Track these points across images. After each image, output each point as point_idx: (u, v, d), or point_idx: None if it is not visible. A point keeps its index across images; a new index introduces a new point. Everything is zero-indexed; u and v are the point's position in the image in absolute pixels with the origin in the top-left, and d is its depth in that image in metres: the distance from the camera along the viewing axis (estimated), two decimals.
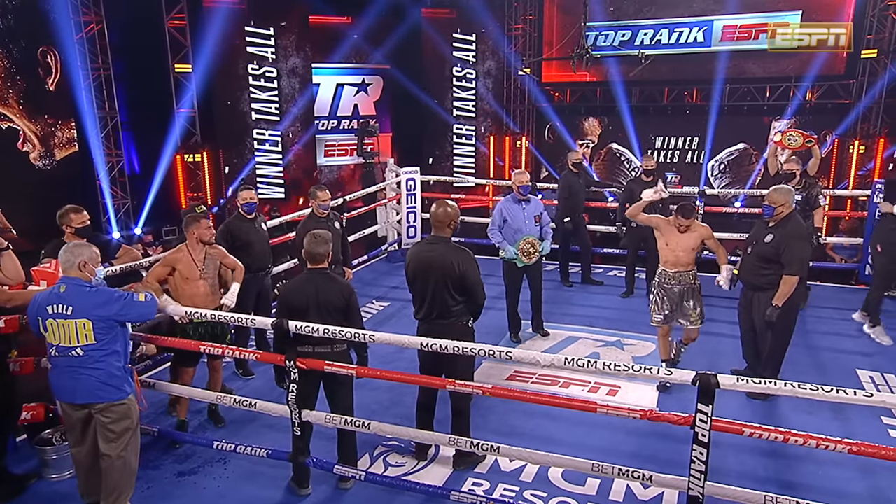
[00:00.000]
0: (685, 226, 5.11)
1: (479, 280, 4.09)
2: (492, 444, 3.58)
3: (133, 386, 3.61)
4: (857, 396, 2.86)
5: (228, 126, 12.53)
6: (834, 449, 2.95)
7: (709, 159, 13.33)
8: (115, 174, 11.23)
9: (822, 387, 2.93)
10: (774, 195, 4.79)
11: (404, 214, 8.77)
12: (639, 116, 13.41)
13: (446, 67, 14.06)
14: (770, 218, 4.79)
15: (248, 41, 12.35)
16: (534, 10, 13.91)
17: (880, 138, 11.65)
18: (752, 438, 3.14)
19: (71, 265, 3.45)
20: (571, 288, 7.74)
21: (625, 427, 4.51)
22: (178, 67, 11.63)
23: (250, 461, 4.29)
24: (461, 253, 4.08)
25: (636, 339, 6.20)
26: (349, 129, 14.20)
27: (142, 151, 11.98)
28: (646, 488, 3.91)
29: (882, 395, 2.95)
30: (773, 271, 4.73)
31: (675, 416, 3.17)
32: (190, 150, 11.69)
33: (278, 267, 6.65)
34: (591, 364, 3.29)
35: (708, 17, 12.74)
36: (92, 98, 10.83)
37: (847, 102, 12.06)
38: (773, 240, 4.72)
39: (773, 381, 3.04)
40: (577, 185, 7.61)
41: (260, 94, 12.60)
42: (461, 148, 14.41)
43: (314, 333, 3.70)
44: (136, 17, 11.22)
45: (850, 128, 12.01)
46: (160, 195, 11.45)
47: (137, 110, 11.72)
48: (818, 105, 12.43)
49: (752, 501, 3.08)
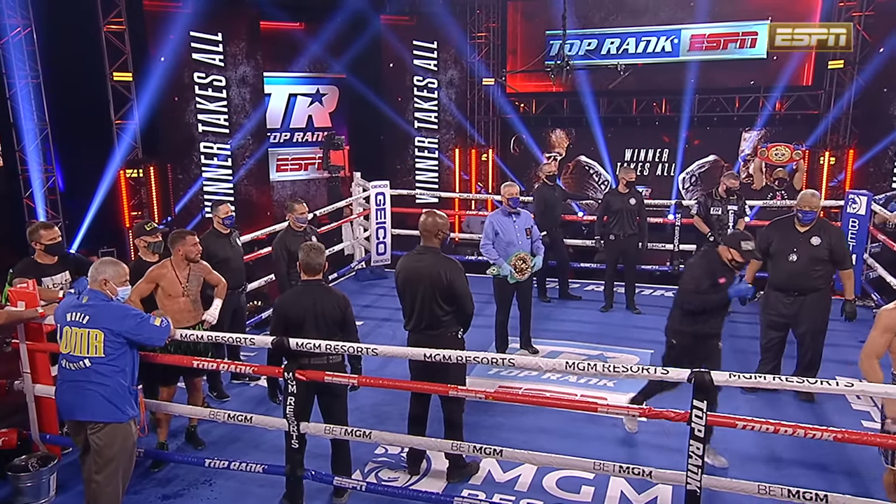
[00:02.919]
0: None
1: (467, 290, 4.46)
2: (494, 448, 3.95)
3: (136, 409, 3.88)
4: (839, 386, 3.38)
5: (173, 139, 12.70)
6: (821, 437, 3.46)
7: (680, 172, 14.15)
8: (44, 191, 11.22)
9: (808, 380, 3.44)
10: (814, 200, 5.31)
11: (373, 231, 9.10)
12: (607, 128, 14.19)
13: (407, 77, 14.55)
14: (810, 223, 5.30)
15: (194, 47, 12.58)
16: (497, 18, 14.58)
17: (850, 149, 12.69)
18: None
19: (93, 280, 3.78)
20: (550, 303, 8.19)
21: (616, 439, 4.96)
22: (116, 76, 11.76)
23: (238, 481, 4.54)
24: (449, 263, 4.46)
25: (618, 352, 6.66)
26: (303, 142, 14.52)
27: (68, 166, 11.87)
28: (640, 493, 4.34)
29: (863, 384, 3.45)
30: (824, 271, 5.31)
31: (671, 413, 3.62)
32: (132, 165, 11.77)
33: (252, 284, 6.91)
34: (592, 366, 3.73)
35: (675, 26, 13.63)
36: (19, 108, 10.85)
37: (816, 113, 13.09)
38: (821, 242, 5.26)
39: (762, 377, 3.54)
40: (552, 199, 8.10)
41: (207, 105, 12.82)
42: (424, 161, 14.87)
43: (316, 349, 4.03)
44: (68, 21, 11.21)
45: (819, 139, 13.02)
46: (97, 213, 11.47)
47: (62, 122, 11.61)
48: (787, 116, 13.43)
49: (746, 491, 3.56)
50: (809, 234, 5.31)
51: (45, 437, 4.63)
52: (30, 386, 4.52)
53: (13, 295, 4.32)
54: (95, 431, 3.75)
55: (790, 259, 5.33)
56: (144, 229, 5.33)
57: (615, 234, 7.70)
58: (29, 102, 10.89)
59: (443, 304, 4.40)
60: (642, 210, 7.77)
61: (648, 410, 3.79)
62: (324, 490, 4.35)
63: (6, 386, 4.49)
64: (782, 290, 5.42)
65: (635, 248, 7.76)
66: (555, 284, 8.42)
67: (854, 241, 7.49)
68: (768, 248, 5.48)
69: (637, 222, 7.70)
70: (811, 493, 3.41)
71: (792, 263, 5.33)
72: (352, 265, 9.26)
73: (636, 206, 7.68)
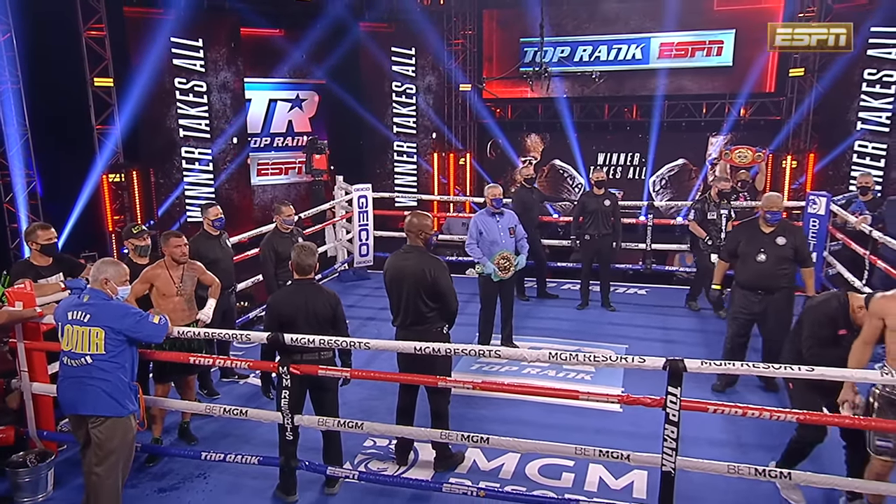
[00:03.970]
0: None
1: (450, 287, 4.60)
2: (480, 436, 4.10)
3: (136, 404, 3.96)
4: (802, 371, 3.59)
5: (154, 144, 12.69)
6: (785, 419, 3.67)
7: (650, 175, 14.46)
8: (26, 195, 11.11)
9: (773, 365, 3.66)
10: (779, 201, 5.53)
11: (356, 233, 9.21)
12: (581, 133, 14.45)
13: (385, 82, 14.69)
14: (777, 223, 5.52)
15: (175, 53, 12.60)
16: (473, 26, 14.77)
17: (810, 153, 13.11)
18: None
19: (95, 279, 3.87)
20: (528, 302, 8.36)
21: (594, 428, 5.14)
22: (97, 81, 11.72)
23: (231, 474, 4.64)
24: (433, 261, 4.61)
25: (595, 347, 6.83)
26: (283, 146, 14.58)
27: (48, 171, 11.65)
28: (618, 478, 4.52)
29: (822, 369, 3.65)
30: (789, 270, 5.53)
31: (647, 399, 3.79)
32: (114, 169, 11.74)
33: (241, 284, 6.99)
34: (573, 356, 3.91)
35: (645, 35, 13.95)
36: (1, 113, 10.76)
37: (778, 119, 13.49)
38: (786, 242, 5.48)
39: (732, 364, 3.74)
40: (530, 201, 8.28)
41: (189, 110, 12.83)
42: (402, 165, 15.01)
43: (310, 344, 4.15)
44: (49, 27, 11.11)
45: (782, 143, 13.41)
46: (80, 218, 11.42)
47: (43, 127, 11.44)
48: (752, 122, 13.82)
49: (716, 471, 3.76)
50: (775, 234, 5.52)
51: (42, 434, 4.68)
52: (27, 384, 4.56)
53: (11, 295, 4.37)
54: (97, 425, 3.83)
55: (758, 259, 5.53)
56: (132, 232, 5.39)
57: (590, 235, 7.89)
58: (10, 108, 10.81)
59: (427, 300, 4.53)
60: (616, 211, 7.94)
61: (626, 397, 3.96)
62: (315, 482, 4.46)
63: (4, 384, 4.52)
64: (750, 288, 5.62)
65: (610, 248, 7.93)
66: (533, 284, 8.59)
67: (815, 239, 7.76)
68: (736, 249, 5.68)
69: (611, 223, 7.89)
70: (776, 471, 3.62)
71: (760, 263, 5.53)
72: (335, 266, 9.35)
73: (611, 208, 7.86)
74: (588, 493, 4.39)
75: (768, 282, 5.52)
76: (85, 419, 3.86)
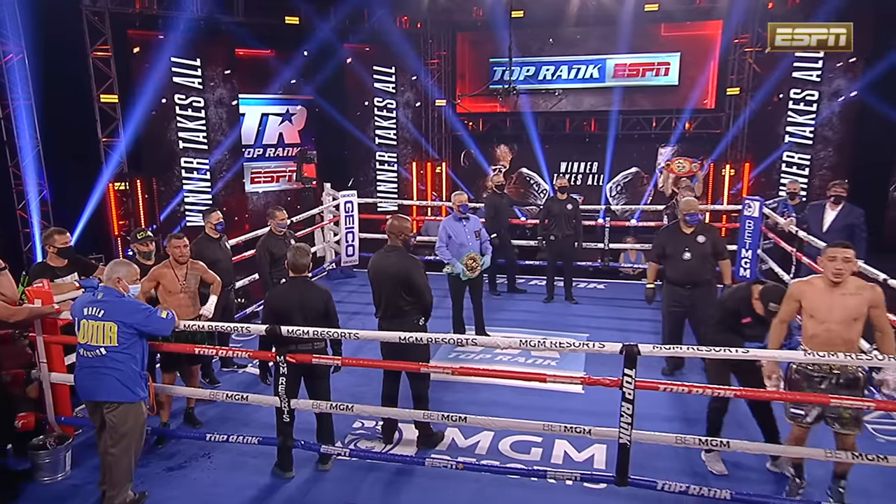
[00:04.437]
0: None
1: (425, 282, 4.66)
2: (460, 416, 4.19)
3: (146, 391, 3.98)
4: (738, 353, 3.73)
5: (156, 155, 12.58)
6: (722, 395, 3.81)
7: (607, 182, 14.67)
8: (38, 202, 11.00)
9: (713, 348, 3.78)
10: (697, 204, 5.70)
11: (343, 235, 9.23)
12: (545, 144, 14.60)
13: (368, 98, 14.69)
14: (696, 224, 5.69)
15: (175, 72, 12.49)
16: (447, 47, 14.82)
17: (746, 162, 13.40)
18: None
19: (108, 278, 3.90)
20: (499, 296, 8.45)
21: (559, 408, 5.23)
22: (103, 98, 11.62)
23: (233, 454, 4.67)
24: (410, 260, 4.67)
25: (560, 336, 6.88)
26: (275, 156, 14.52)
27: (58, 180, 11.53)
28: (580, 451, 4.64)
29: (758, 351, 3.80)
30: (711, 264, 5.70)
31: (606, 380, 3.91)
32: (119, 178, 11.64)
33: (239, 282, 6.98)
34: (541, 343, 4.02)
35: (601, 56, 14.13)
36: (14, 128, 10.64)
37: (718, 132, 13.76)
38: (706, 240, 5.66)
39: (679, 347, 3.87)
40: (501, 205, 8.38)
41: (188, 124, 12.73)
42: (384, 173, 15.03)
43: (304, 336, 4.19)
44: (59, 48, 11.01)
45: (721, 154, 13.69)
46: (88, 223, 11.29)
47: (53, 140, 11.37)
48: (695, 134, 14.07)
49: (665, 442, 3.89)
50: (695, 234, 5.68)
51: (60, 419, 4.67)
52: (46, 374, 4.55)
53: (31, 293, 4.36)
54: (111, 410, 3.85)
55: (684, 258, 5.68)
56: (137, 238, 5.40)
57: (555, 236, 8.00)
58: (23, 123, 10.69)
59: (405, 295, 4.60)
60: (578, 214, 8.05)
61: (588, 379, 4.06)
62: (310, 459, 4.51)
63: (25, 375, 4.50)
64: (679, 284, 5.75)
65: (572, 248, 8.03)
66: (504, 280, 8.68)
67: (750, 238, 7.95)
68: (664, 251, 5.82)
69: (573, 225, 7.99)
70: (716, 440, 3.76)
71: (686, 261, 5.68)
72: (324, 266, 9.36)
73: (573, 211, 7.97)
74: (554, 464, 4.50)
75: (694, 277, 5.66)
76: (100, 405, 3.87)
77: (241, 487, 4.31)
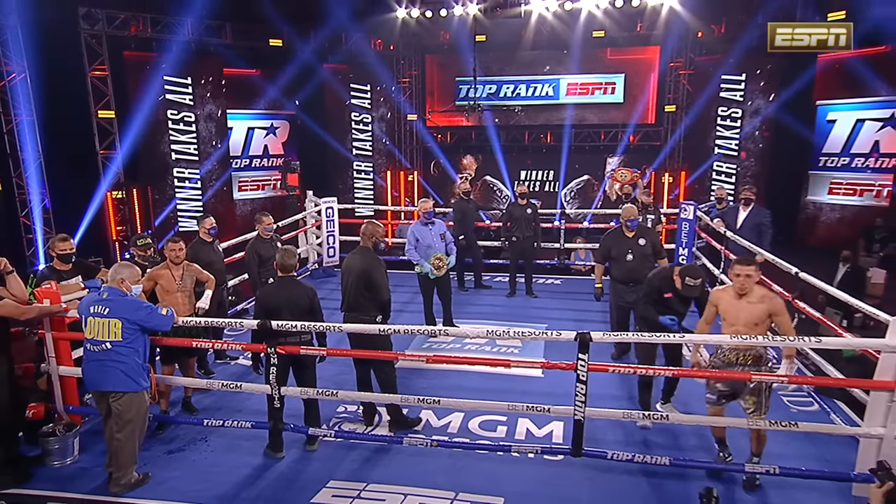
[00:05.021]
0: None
1: (383, 282, 4.62)
2: (433, 399, 4.24)
3: (149, 381, 3.95)
4: (675, 338, 3.87)
5: (151, 166, 12.36)
6: (662, 376, 3.95)
7: (562, 188, 14.87)
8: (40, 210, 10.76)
9: (656, 334, 3.91)
10: (634, 211, 5.80)
11: (324, 238, 9.19)
12: (506, 154, 14.76)
13: (346, 113, 14.64)
14: (635, 228, 5.78)
15: (167, 89, 12.30)
16: (417, 67, 14.89)
17: (682, 170, 13.74)
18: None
19: (112, 279, 3.86)
20: (467, 292, 8.48)
21: (521, 390, 5.29)
22: (101, 114, 11.42)
23: (228, 438, 4.63)
24: (374, 260, 4.68)
25: (521, 326, 6.97)
26: (260, 167, 14.37)
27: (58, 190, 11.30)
28: (541, 428, 4.70)
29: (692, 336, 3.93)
30: (651, 264, 5.76)
31: (563, 364, 4.00)
32: (116, 187, 11.43)
33: (231, 281, 6.92)
34: (505, 333, 4.09)
35: (556, 76, 14.36)
36: (17, 141, 10.39)
37: (658, 144, 14.08)
38: (646, 242, 5.74)
39: (626, 334, 3.99)
40: (467, 210, 8.42)
41: (179, 137, 12.54)
42: (361, 181, 14.99)
43: (292, 329, 4.20)
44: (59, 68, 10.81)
45: (661, 163, 14.02)
46: (87, 228, 11.06)
47: (54, 153, 11.12)
48: (639, 146, 14.38)
49: (613, 416, 4.02)
50: (636, 237, 5.78)
51: (68, 409, 4.61)
52: (55, 367, 4.48)
53: (40, 294, 4.29)
54: (116, 399, 3.82)
55: (628, 259, 5.78)
56: (136, 243, 5.33)
57: (516, 237, 8.04)
58: (25, 137, 10.46)
59: (364, 290, 4.61)
60: (536, 218, 8.09)
61: (547, 364, 4.15)
62: (298, 441, 4.52)
63: (34, 368, 4.42)
64: (624, 282, 5.84)
65: (532, 247, 8.08)
66: (471, 277, 8.69)
67: (686, 238, 8.16)
68: (609, 253, 5.91)
69: (532, 227, 8.03)
70: (657, 414, 3.89)
71: (630, 262, 5.78)
72: (307, 266, 9.30)
73: (532, 215, 8.02)
74: (518, 440, 4.56)
75: (636, 275, 5.69)
76: (106, 395, 3.84)
77: (236, 467, 4.30)
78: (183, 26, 12.01)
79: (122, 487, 3.89)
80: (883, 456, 3.62)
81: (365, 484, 4.02)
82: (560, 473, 4.12)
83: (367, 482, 4.04)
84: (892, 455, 3.66)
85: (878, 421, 3.67)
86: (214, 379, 5.36)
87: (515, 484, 4.01)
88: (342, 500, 3.89)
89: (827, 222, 12.29)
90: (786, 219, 12.18)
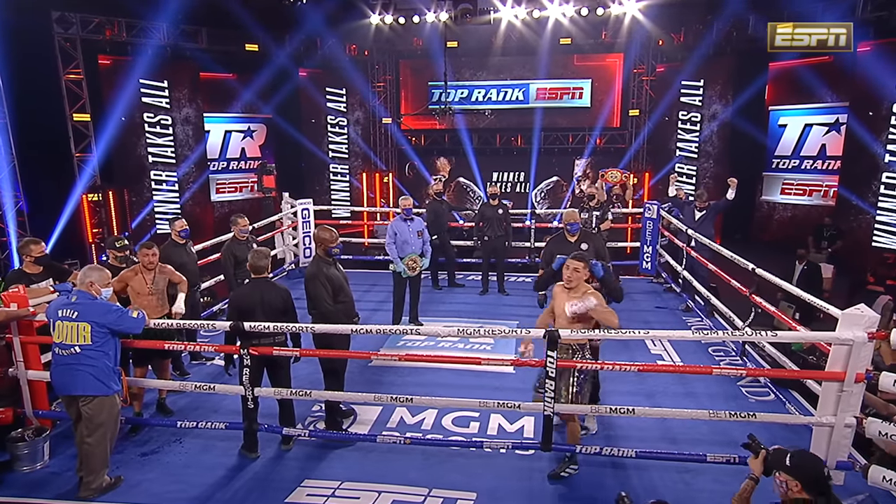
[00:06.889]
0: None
1: (317, 291, 4.36)
2: (407, 397, 4.16)
3: (119, 385, 3.78)
4: (639, 334, 3.85)
5: (127, 169, 12.01)
6: (629, 370, 3.93)
7: (532, 189, 14.91)
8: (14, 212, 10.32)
9: (621, 330, 3.87)
10: (575, 215, 5.57)
11: (300, 238, 9.03)
12: (478, 156, 14.74)
13: (322, 116, 14.45)
14: (577, 233, 5.50)
15: (144, 92, 11.98)
16: (391, 72, 14.79)
17: (646, 172, 13.89)
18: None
19: (82, 282, 3.68)
20: (441, 290, 8.42)
21: (493, 386, 5.24)
22: (76, 117, 11.04)
23: (203, 439, 4.49)
24: (315, 269, 4.45)
25: (493, 324, 6.95)
26: (237, 169, 14.09)
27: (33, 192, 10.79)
28: (512, 423, 4.65)
29: (656, 331, 3.94)
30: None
31: (532, 361, 3.97)
32: (92, 190, 11.06)
33: (205, 283, 6.73)
34: (477, 330, 4.03)
35: (525, 81, 14.38)
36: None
37: (623, 146, 14.21)
38: (589, 247, 5.44)
39: (594, 331, 3.96)
40: (441, 210, 8.35)
41: (156, 140, 12.21)
42: (337, 183, 14.82)
43: (266, 330, 4.07)
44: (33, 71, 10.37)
45: (626, 165, 14.14)
46: (63, 231, 10.68)
47: (29, 155, 10.52)
48: (605, 148, 14.49)
49: (582, 412, 3.99)
50: (579, 242, 5.47)
51: (37, 413, 4.40)
52: (23, 372, 4.27)
53: (7, 298, 4.08)
54: (86, 403, 3.65)
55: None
56: (115, 246, 5.13)
57: (488, 236, 8.01)
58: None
59: (308, 300, 4.49)
60: (508, 218, 8.05)
61: (517, 361, 4.10)
62: (273, 441, 4.40)
63: (2, 373, 4.21)
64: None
65: (503, 247, 8.06)
66: (444, 276, 8.63)
67: (650, 236, 8.23)
68: (552, 258, 5.78)
69: (504, 227, 8.01)
70: (624, 409, 3.87)
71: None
72: (283, 267, 9.13)
73: (503, 215, 7.99)
74: (490, 436, 4.51)
75: None
76: (76, 399, 3.67)
77: (210, 468, 4.16)
78: (158, 31, 11.69)
79: (93, 492, 3.72)
80: (832, 443, 3.67)
81: (339, 482, 3.93)
82: (531, 467, 4.08)
83: (342, 480, 3.94)
84: (841, 442, 3.71)
85: (829, 410, 3.71)
86: (189, 380, 5.20)
87: (488, 479, 3.96)
88: (317, 498, 3.79)
89: (780, 220, 12.54)
90: (742, 217, 12.41)
